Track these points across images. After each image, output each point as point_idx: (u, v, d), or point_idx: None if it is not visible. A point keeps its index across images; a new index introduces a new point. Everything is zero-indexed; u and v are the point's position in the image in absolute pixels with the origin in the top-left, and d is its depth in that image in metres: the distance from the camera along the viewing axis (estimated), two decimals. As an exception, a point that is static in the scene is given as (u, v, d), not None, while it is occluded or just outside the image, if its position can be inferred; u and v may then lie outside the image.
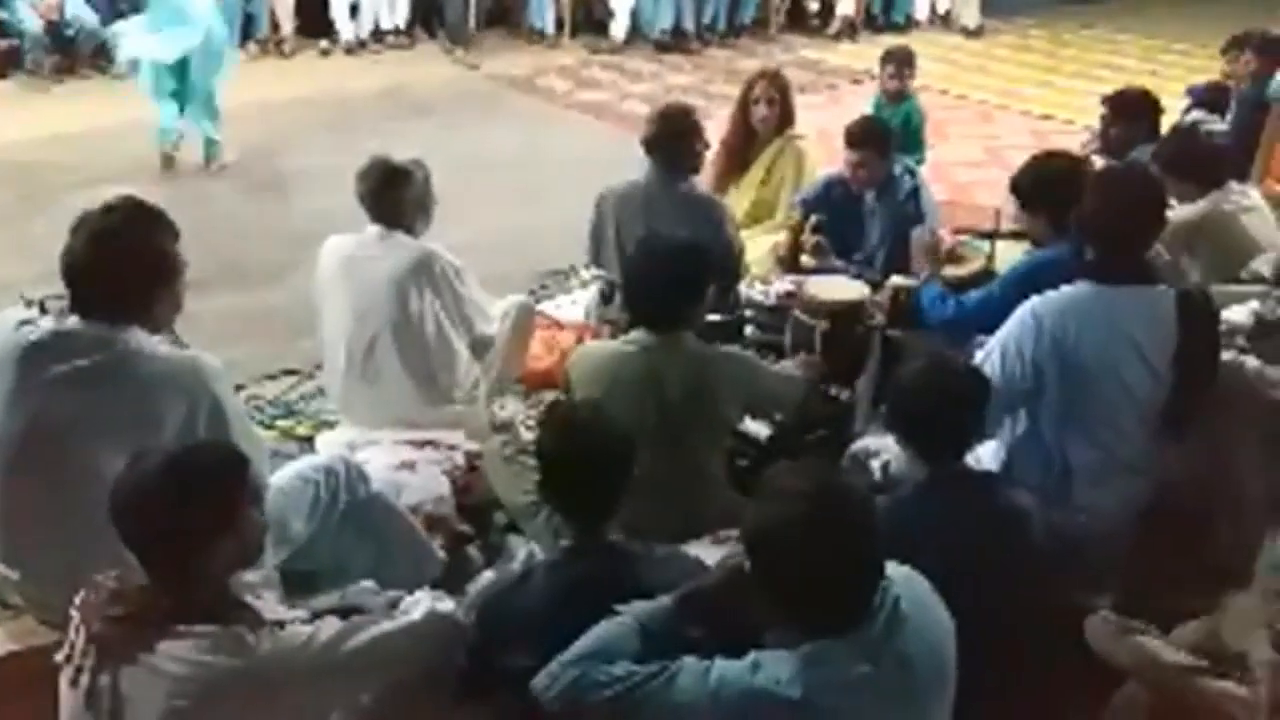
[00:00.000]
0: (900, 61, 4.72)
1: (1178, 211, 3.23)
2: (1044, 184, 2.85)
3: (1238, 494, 2.53)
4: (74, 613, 1.65)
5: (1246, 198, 3.30)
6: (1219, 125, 4.63)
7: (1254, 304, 2.85)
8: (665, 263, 2.46)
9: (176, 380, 2.07)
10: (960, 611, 1.64)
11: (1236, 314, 2.80)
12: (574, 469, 1.90)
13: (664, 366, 2.41)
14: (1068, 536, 2.27)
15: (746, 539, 1.59)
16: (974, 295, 2.92)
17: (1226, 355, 2.56)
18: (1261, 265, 3.17)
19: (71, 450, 2.04)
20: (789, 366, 2.87)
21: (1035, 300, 2.39)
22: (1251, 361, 2.58)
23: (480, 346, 3.11)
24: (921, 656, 1.55)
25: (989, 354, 2.40)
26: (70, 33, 6.78)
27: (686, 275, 2.46)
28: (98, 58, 6.92)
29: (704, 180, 3.84)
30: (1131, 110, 3.81)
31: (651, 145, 3.33)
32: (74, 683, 1.62)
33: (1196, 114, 4.77)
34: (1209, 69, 6.05)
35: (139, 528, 1.59)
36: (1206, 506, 2.57)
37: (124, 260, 2.09)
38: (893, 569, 1.59)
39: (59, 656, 1.66)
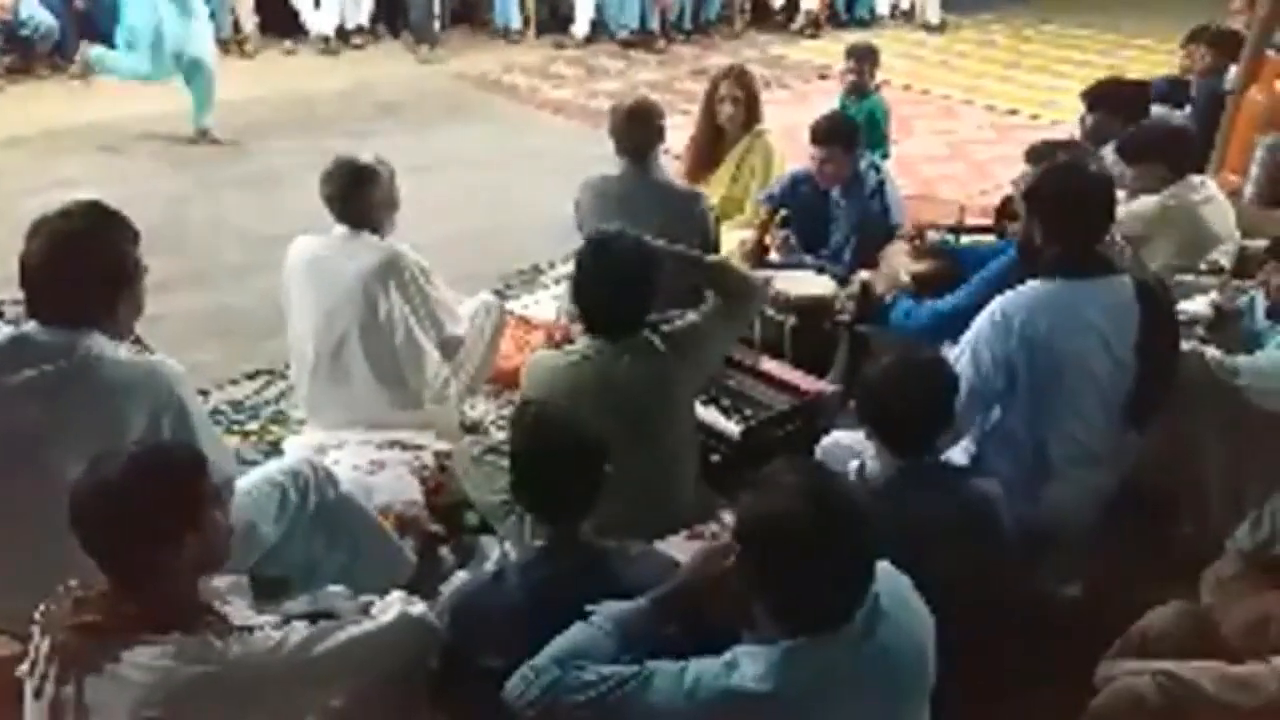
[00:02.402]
0: (861, 57, 4.75)
1: (1138, 203, 3.27)
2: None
3: (1201, 483, 2.57)
4: (36, 623, 1.61)
5: (1205, 190, 3.32)
6: (1179, 120, 4.68)
7: (1213, 295, 2.89)
8: (613, 270, 2.40)
9: (139, 386, 2.04)
10: (933, 603, 1.65)
11: (1196, 305, 2.83)
12: (546, 469, 1.88)
13: (616, 369, 2.38)
14: (1037, 527, 2.29)
15: (742, 532, 1.57)
16: (950, 299, 2.89)
17: (1186, 345, 2.59)
18: (1220, 256, 3.21)
19: (32, 459, 1.99)
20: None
21: (1003, 299, 2.40)
22: (1212, 351, 2.61)
23: (449, 347, 3.08)
24: (900, 652, 1.56)
25: (960, 355, 2.40)
26: (25, 33, 6.63)
27: (635, 281, 2.41)
28: (54, 57, 6.79)
29: (675, 176, 3.84)
30: (1107, 101, 3.83)
31: (615, 141, 3.35)
32: (38, 694, 1.58)
33: (1157, 108, 4.82)
34: (1168, 63, 6.14)
35: (98, 532, 1.56)
36: (1171, 496, 2.61)
37: (83, 264, 2.05)
38: None
39: (22, 668, 1.62)
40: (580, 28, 8.27)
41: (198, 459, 1.68)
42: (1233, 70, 4.42)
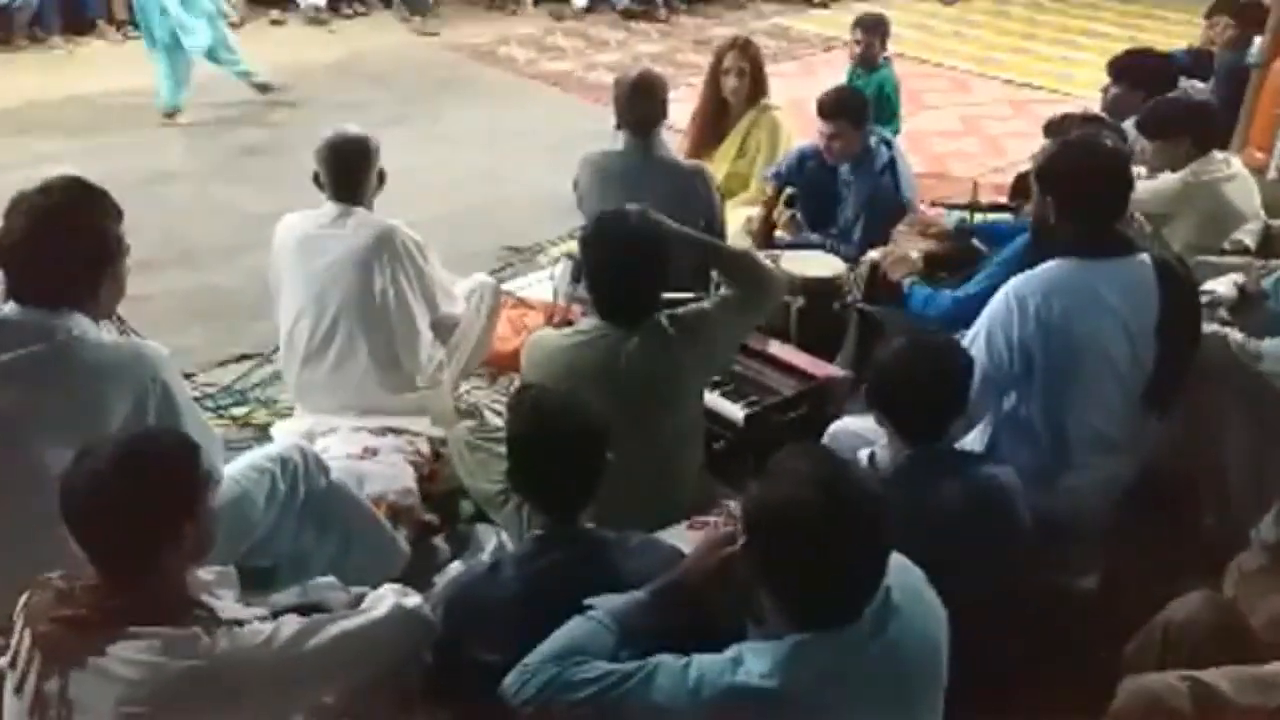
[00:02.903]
0: (869, 28, 4.65)
1: (1159, 181, 3.21)
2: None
3: (1222, 471, 2.53)
4: (18, 615, 1.58)
5: (1228, 166, 3.25)
6: (1203, 93, 4.58)
7: (1236, 276, 2.81)
8: (629, 253, 2.36)
9: (122, 369, 2.01)
10: (944, 593, 1.62)
11: (1219, 286, 2.75)
12: (545, 456, 1.84)
13: (620, 352, 2.33)
14: (1053, 516, 2.24)
15: (749, 520, 1.53)
16: (969, 285, 2.83)
17: (1209, 328, 2.53)
18: (1244, 235, 3.15)
19: (13, 445, 1.96)
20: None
21: (1016, 282, 2.36)
22: (1235, 334, 2.55)
23: (443, 328, 3.03)
24: (911, 646, 1.52)
25: (973, 340, 2.36)
26: (4, 3, 6.50)
27: (650, 263, 2.37)
28: (33, 29, 6.65)
29: (678, 152, 3.77)
30: (1129, 74, 3.75)
31: (619, 115, 3.30)
32: (19, 689, 1.55)
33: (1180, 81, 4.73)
34: (1189, 34, 6.05)
35: (96, 526, 1.52)
36: (1191, 484, 2.56)
37: (65, 242, 2.02)
38: None
39: (2, 662, 1.60)
40: (580, -1, 8.15)
41: (192, 444, 1.64)
42: (1257, 42, 4.32)
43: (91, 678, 1.50)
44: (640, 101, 3.26)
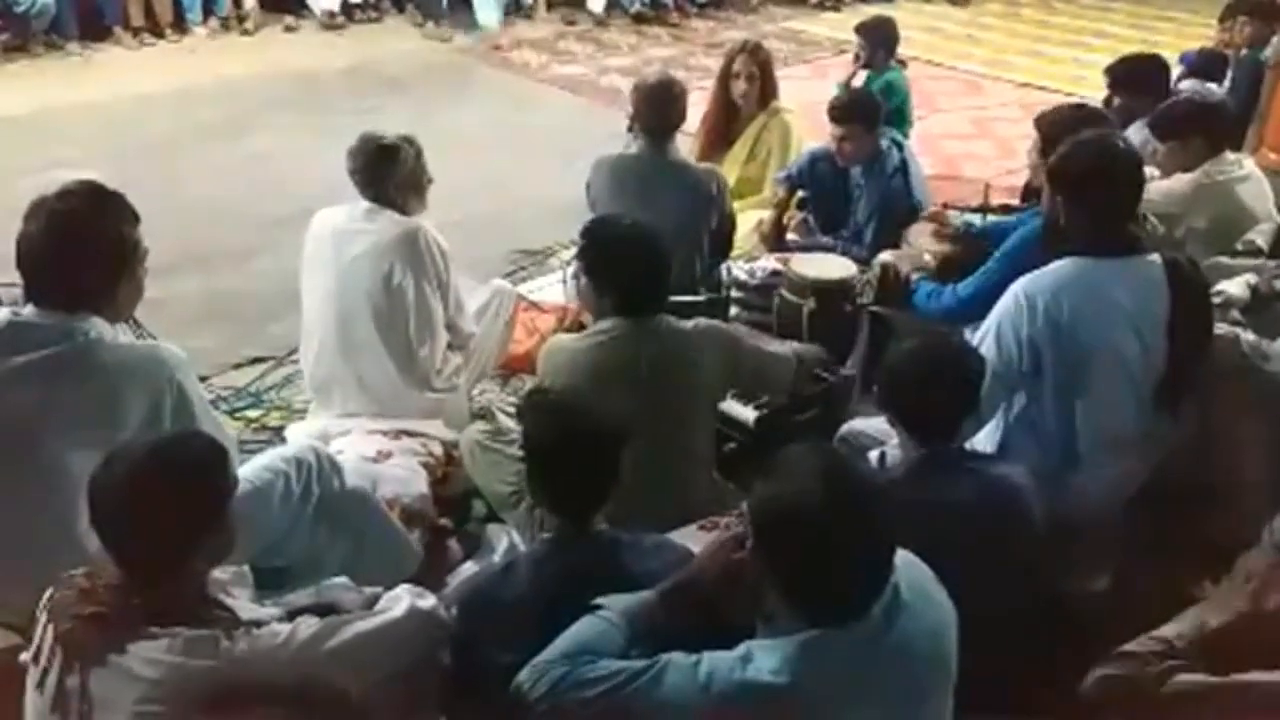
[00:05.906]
0: (864, 32, 4.57)
1: (1172, 181, 3.19)
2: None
3: (1235, 472, 2.50)
4: (41, 612, 1.59)
5: (1241, 168, 3.23)
6: (1215, 94, 4.54)
7: (1249, 277, 2.80)
8: (640, 251, 2.40)
9: (139, 371, 2.02)
10: (955, 592, 1.61)
11: (1231, 286, 2.74)
12: (561, 460, 1.83)
13: (640, 351, 2.35)
14: (1063, 516, 2.23)
15: (756, 517, 1.53)
16: (972, 280, 2.83)
17: (1221, 329, 2.52)
18: (1257, 236, 3.13)
19: (31, 446, 1.97)
20: (783, 347, 2.78)
21: (1025, 280, 2.35)
22: (1247, 335, 2.54)
23: (457, 332, 3.05)
24: (920, 644, 1.52)
25: (983, 338, 2.35)
26: (21, 9, 6.50)
27: (661, 261, 2.41)
28: (50, 35, 6.69)
29: (689, 155, 3.78)
30: (1133, 81, 3.73)
31: (638, 119, 3.32)
32: (40, 685, 1.56)
33: (1190, 82, 4.69)
34: (1201, 36, 6.00)
35: (126, 528, 1.53)
36: (1203, 485, 2.54)
37: (83, 246, 2.03)
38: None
39: (24, 657, 1.61)
40: (596, 3, 8.13)
41: (221, 448, 1.66)
42: (1274, 41, 4.28)
43: (112, 675, 1.51)
44: (660, 106, 3.28)
